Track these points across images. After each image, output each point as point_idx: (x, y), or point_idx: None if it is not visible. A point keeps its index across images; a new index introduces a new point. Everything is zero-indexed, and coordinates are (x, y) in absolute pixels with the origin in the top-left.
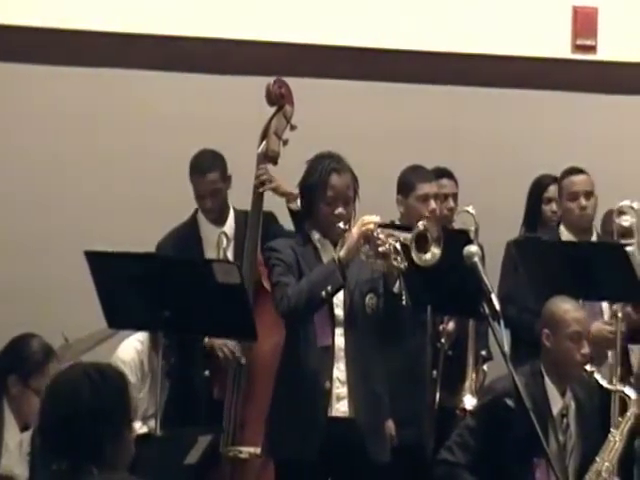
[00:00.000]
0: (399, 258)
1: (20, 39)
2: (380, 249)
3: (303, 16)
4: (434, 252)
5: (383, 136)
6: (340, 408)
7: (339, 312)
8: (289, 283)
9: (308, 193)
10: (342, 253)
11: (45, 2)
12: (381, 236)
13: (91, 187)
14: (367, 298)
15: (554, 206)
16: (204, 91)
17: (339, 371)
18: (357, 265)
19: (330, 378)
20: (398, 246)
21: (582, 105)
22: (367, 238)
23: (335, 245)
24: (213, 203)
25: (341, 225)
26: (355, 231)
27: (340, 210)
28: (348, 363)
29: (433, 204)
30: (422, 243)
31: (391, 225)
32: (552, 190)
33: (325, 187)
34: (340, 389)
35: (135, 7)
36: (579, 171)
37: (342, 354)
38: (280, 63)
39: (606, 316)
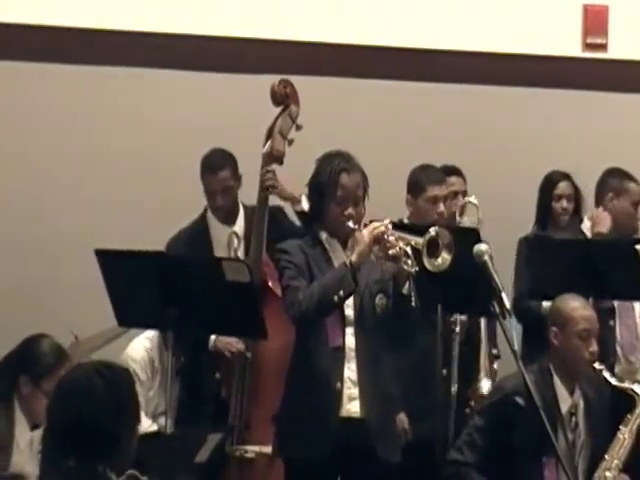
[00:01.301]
0: (410, 262)
1: (19, 37)
2: (391, 252)
3: (316, 15)
4: (445, 257)
5: (394, 135)
6: (351, 408)
7: (349, 312)
8: (300, 287)
9: (317, 192)
10: (354, 257)
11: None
12: (391, 239)
13: (97, 187)
14: (377, 298)
15: (564, 203)
16: (212, 90)
17: (350, 371)
18: (367, 265)
19: (341, 378)
20: (409, 250)
21: (592, 103)
22: (378, 241)
23: (344, 244)
24: (224, 201)
25: (350, 224)
26: (366, 235)
27: (350, 210)
28: (359, 363)
29: (442, 207)
30: (433, 248)
31: (401, 225)
32: (562, 187)
33: (335, 187)
34: (352, 389)
35: (138, 4)
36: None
37: (353, 354)
38: (293, 62)
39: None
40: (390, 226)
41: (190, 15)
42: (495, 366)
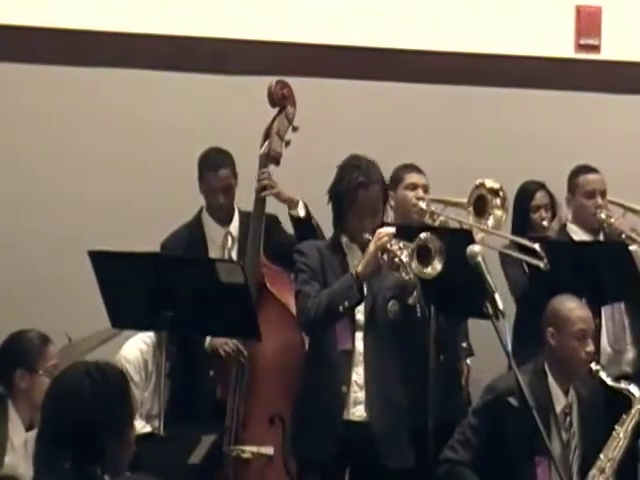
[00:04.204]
0: (408, 269)
1: (23, 39)
2: (395, 260)
3: (304, 16)
4: (435, 266)
5: (384, 136)
6: (357, 412)
7: (360, 317)
8: (310, 294)
9: (337, 201)
10: (360, 268)
11: (44, 1)
12: (394, 247)
13: (93, 187)
14: (390, 304)
15: (543, 212)
16: (206, 91)
17: (357, 375)
18: (383, 271)
19: (348, 382)
20: (404, 258)
21: (585, 105)
22: (383, 250)
23: (364, 250)
24: (226, 199)
25: (367, 236)
26: (371, 246)
27: (367, 224)
28: (367, 367)
29: (421, 192)
30: (425, 255)
31: (408, 228)
32: (539, 197)
33: (352, 199)
34: (358, 393)
35: (134, 7)
36: (593, 170)
37: (361, 358)
38: (282, 63)
39: None
40: (393, 234)
41: (177, 16)
42: (468, 362)
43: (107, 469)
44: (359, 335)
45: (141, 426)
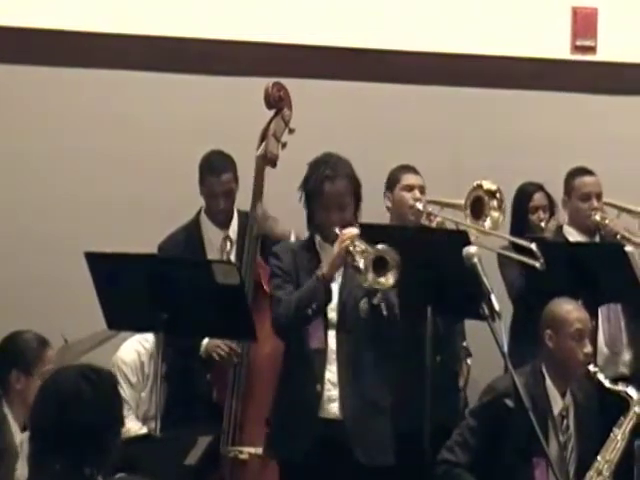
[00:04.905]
0: (365, 276)
1: (18, 40)
2: (355, 264)
3: (303, 17)
4: (389, 279)
5: (382, 137)
6: (331, 410)
7: (332, 315)
8: (281, 298)
9: (307, 198)
10: (325, 269)
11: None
12: (356, 250)
13: (89, 188)
14: (361, 302)
15: (541, 214)
16: (203, 92)
17: (331, 373)
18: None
19: (322, 380)
20: (360, 265)
21: (581, 106)
22: (348, 252)
23: None
24: (226, 204)
25: (336, 230)
26: (336, 246)
27: (334, 217)
28: (340, 365)
29: (418, 194)
30: (381, 265)
31: (374, 227)
32: (537, 198)
33: (319, 194)
34: (332, 391)
35: (134, 8)
36: (589, 172)
37: (334, 356)
38: (279, 64)
39: None
40: (356, 235)
41: (164, 17)
42: (469, 361)
43: (101, 469)
44: (331, 333)
45: (138, 427)
